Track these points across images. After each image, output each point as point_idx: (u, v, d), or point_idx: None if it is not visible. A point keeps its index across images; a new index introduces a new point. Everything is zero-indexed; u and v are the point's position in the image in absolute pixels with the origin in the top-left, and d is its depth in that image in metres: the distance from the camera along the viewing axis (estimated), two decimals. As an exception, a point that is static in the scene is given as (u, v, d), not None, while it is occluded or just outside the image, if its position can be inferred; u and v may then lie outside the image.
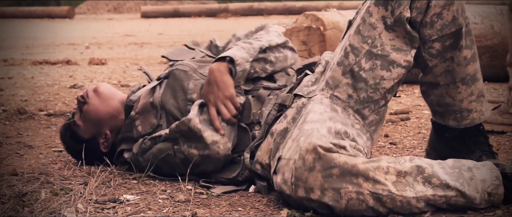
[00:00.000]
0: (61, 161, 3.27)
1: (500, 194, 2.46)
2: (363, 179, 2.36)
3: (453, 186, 2.43)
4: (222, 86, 2.84)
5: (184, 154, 2.81)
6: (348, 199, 2.36)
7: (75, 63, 7.95)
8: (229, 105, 2.83)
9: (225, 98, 2.83)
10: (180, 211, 2.49)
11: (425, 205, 2.41)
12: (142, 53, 9.38)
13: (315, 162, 2.37)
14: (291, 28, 5.67)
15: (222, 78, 2.85)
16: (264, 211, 2.51)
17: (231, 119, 2.82)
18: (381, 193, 2.37)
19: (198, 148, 2.80)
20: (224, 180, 2.84)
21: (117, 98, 3.13)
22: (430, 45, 2.71)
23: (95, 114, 3.10)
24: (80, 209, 2.45)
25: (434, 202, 2.42)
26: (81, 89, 5.81)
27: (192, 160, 2.80)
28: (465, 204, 2.44)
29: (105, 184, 2.83)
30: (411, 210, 2.40)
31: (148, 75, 3.20)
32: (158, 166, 2.89)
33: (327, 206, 2.38)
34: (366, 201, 2.36)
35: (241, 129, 2.86)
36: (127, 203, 2.58)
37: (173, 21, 17.11)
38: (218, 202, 2.63)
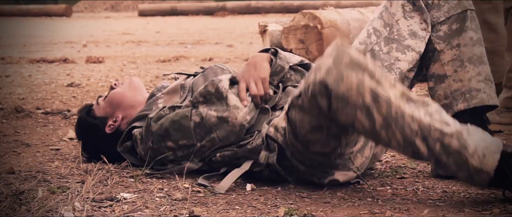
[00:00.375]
0: (58, 159, 3.27)
1: (494, 160, 2.42)
2: (369, 76, 2.42)
3: (453, 125, 2.44)
4: (258, 68, 2.95)
5: (202, 115, 2.86)
6: (348, 87, 2.41)
7: (72, 61, 7.94)
8: (260, 85, 2.92)
9: (258, 78, 2.92)
10: (177, 210, 2.49)
11: (418, 131, 2.41)
12: (139, 51, 9.38)
13: (332, 51, 2.48)
14: (289, 27, 5.67)
15: (261, 63, 2.96)
16: (261, 209, 2.51)
17: (257, 96, 2.89)
18: (380, 93, 2.41)
19: (218, 110, 2.85)
20: (231, 150, 2.85)
21: (143, 94, 3.20)
22: (438, 28, 2.88)
23: (118, 98, 3.16)
24: (77, 207, 2.45)
25: (428, 133, 2.41)
26: (78, 88, 5.81)
27: (207, 123, 2.84)
28: (458, 148, 2.41)
29: (102, 182, 2.83)
30: (403, 129, 2.41)
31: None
32: (168, 133, 2.90)
33: (326, 87, 2.42)
34: (363, 96, 2.40)
35: (262, 110, 2.91)
36: (124, 201, 2.58)
37: (170, 19, 17.11)
38: (215, 200, 2.63)
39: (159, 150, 2.93)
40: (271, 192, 2.74)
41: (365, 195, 2.70)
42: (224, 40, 10.57)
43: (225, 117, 2.84)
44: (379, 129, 2.44)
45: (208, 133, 2.86)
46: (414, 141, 2.43)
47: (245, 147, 2.84)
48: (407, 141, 2.44)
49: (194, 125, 2.87)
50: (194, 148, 2.89)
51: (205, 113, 2.86)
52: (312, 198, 2.65)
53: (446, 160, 2.44)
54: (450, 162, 2.44)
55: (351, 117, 2.45)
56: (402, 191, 2.74)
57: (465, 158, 2.42)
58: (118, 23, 16.26)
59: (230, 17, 17.62)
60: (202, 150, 2.89)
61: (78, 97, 5.27)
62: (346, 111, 2.44)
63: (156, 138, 2.92)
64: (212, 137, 2.86)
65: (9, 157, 3.33)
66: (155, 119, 2.94)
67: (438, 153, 2.43)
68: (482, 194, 2.65)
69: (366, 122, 2.44)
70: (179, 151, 2.91)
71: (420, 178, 2.92)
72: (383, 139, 2.47)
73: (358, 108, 2.42)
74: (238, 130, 2.85)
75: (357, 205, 2.56)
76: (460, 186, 2.78)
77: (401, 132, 2.42)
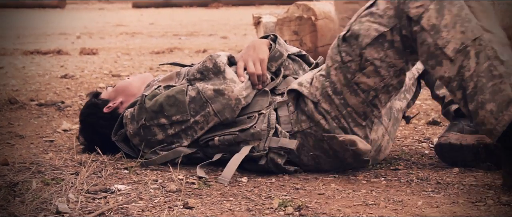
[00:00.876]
0: (52, 151, 3.27)
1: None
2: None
3: (508, 55, 2.52)
4: (257, 50, 2.99)
5: (198, 89, 2.88)
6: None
7: (66, 53, 7.92)
8: (258, 65, 2.95)
9: (256, 58, 2.96)
10: (171, 201, 2.49)
11: (476, 40, 2.52)
12: (133, 43, 9.37)
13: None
14: (283, 18, 5.66)
15: (261, 46, 3.01)
16: (255, 200, 2.51)
17: (254, 74, 2.92)
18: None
19: (215, 84, 2.88)
20: (232, 133, 2.86)
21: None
22: None
23: (125, 84, 3.21)
24: (71, 199, 2.45)
25: (484, 46, 2.52)
26: (72, 79, 5.80)
27: (203, 97, 2.86)
28: (503, 73, 2.49)
29: (96, 174, 2.83)
30: (466, 30, 2.52)
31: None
32: (162, 109, 2.91)
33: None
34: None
35: (261, 93, 2.94)
36: (118, 193, 2.58)
37: (164, 11, 17.08)
38: (209, 191, 2.63)
39: (150, 129, 2.93)
40: (265, 183, 2.74)
41: (359, 186, 2.70)
42: (218, 32, 10.56)
43: (221, 90, 2.86)
44: (443, 28, 2.55)
45: (202, 108, 2.87)
46: (469, 51, 2.52)
47: (248, 131, 2.84)
48: (462, 47, 2.53)
49: (189, 100, 2.88)
50: (186, 124, 2.89)
51: (201, 87, 2.88)
52: (306, 190, 2.65)
53: (485, 82, 2.50)
54: (488, 87, 2.50)
55: (422, 10, 2.58)
56: (396, 183, 2.74)
57: (505, 85, 2.49)
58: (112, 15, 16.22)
59: (224, 8, 17.60)
60: (194, 127, 2.89)
61: (72, 88, 5.26)
62: (421, 1, 2.58)
63: (149, 115, 2.92)
64: (207, 112, 2.87)
65: (3, 148, 3.32)
66: (150, 97, 2.96)
67: (482, 72, 2.51)
68: (476, 186, 2.65)
69: (434, 17, 2.56)
70: (170, 129, 2.91)
71: (414, 170, 2.93)
72: (441, 41, 2.55)
73: (433, 1, 2.56)
74: (233, 104, 2.86)
75: (352, 197, 2.56)
76: (454, 178, 2.78)
77: (463, 34, 2.52)
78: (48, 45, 8.99)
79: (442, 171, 2.88)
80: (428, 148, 3.32)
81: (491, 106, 2.48)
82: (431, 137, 3.52)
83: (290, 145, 2.80)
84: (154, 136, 2.94)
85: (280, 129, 2.83)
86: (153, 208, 2.42)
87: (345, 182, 2.77)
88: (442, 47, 2.55)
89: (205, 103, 2.87)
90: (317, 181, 2.76)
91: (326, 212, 2.37)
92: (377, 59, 2.68)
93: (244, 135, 2.85)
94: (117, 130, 3.05)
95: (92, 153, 3.09)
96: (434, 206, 2.41)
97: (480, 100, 2.50)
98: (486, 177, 2.77)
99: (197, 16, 14.32)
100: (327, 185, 2.72)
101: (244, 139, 2.84)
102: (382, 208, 2.41)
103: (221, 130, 2.89)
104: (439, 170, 2.90)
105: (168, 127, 2.91)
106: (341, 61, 2.72)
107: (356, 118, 2.77)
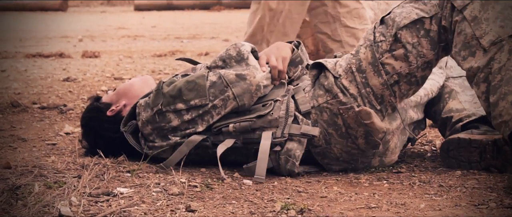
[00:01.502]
0: (55, 154, 3.27)
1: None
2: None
3: None
4: (281, 49, 3.01)
5: (220, 74, 2.90)
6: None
7: (68, 56, 7.92)
8: (280, 61, 2.97)
9: (279, 55, 2.98)
10: (174, 204, 2.49)
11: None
12: (135, 46, 9.37)
13: None
14: (285, 21, 5.65)
15: (284, 47, 3.03)
16: (258, 204, 2.51)
17: (276, 67, 2.94)
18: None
19: (238, 69, 2.90)
20: (249, 120, 2.87)
21: (152, 87, 3.19)
22: None
23: (127, 86, 3.22)
24: (74, 202, 2.45)
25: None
26: (74, 82, 5.80)
27: (225, 81, 2.87)
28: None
29: (98, 177, 2.83)
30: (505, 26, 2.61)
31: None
32: (180, 93, 2.90)
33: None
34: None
35: (278, 84, 2.97)
36: (120, 196, 2.58)
37: (166, 14, 17.08)
38: (212, 194, 2.63)
39: (165, 116, 2.92)
40: (267, 186, 2.74)
41: (361, 189, 2.70)
42: (220, 35, 10.55)
43: (244, 75, 2.88)
44: (484, 21, 2.63)
45: (222, 92, 2.88)
46: (503, 45, 2.60)
47: (266, 118, 2.86)
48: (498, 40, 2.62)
49: (210, 84, 2.90)
50: (204, 108, 2.89)
51: (223, 72, 2.90)
52: (308, 193, 2.65)
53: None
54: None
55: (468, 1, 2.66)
56: (399, 186, 2.74)
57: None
58: (114, 18, 16.22)
59: (226, 11, 17.59)
60: (211, 112, 2.89)
61: (74, 91, 5.26)
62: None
63: (167, 100, 2.91)
64: (227, 95, 2.87)
65: (5, 152, 3.32)
66: (168, 83, 2.96)
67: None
68: (478, 189, 2.65)
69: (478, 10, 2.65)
70: (187, 114, 2.91)
71: (416, 173, 2.93)
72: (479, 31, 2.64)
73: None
74: (254, 90, 2.87)
75: (354, 200, 2.56)
76: (456, 181, 2.78)
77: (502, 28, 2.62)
78: (50, 48, 9.00)
79: (444, 174, 2.88)
80: (430, 151, 3.31)
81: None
82: (433, 140, 3.52)
83: (313, 131, 2.84)
84: (168, 123, 2.93)
85: (301, 117, 2.85)
86: (156, 211, 2.42)
87: (348, 185, 2.77)
88: (479, 37, 2.62)
89: (225, 87, 2.88)
90: (319, 184, 2.76)
91: (328, 215, 2.36)
92: (410, 44, 2.74)
93: (261, 122, 2.86)
94: (127, 121, 3.05)
95: (95, 156, 3.09)
96: (436, 209, 2.41)
97: (503, 91, 2.57)
98: (488, 180, 2.77)
99: (199, 19, 14.32)
100: (329, 188, 2.72)
101: (261, 125, 2.85)
102: (384, 211, 2.41)
103: (236, 117, 2.89)
104: (442, 173, 2.90)
105: (185, 112, 2.91)
106: (373, 40, 2.79)
107: (373, 100, 2.81)
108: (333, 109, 2.82)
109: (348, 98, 2.81)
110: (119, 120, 3.08)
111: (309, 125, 2.85)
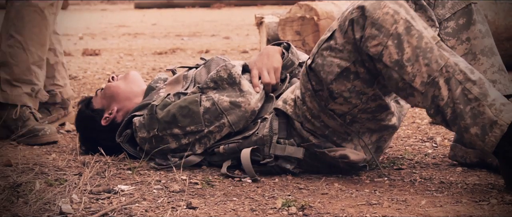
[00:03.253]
0: (56, 152, 3.27)
1: (510, 117, 2.44)
2: (405, 11, 2.52)
3: (477, 74, 2.50)
4: (271, 58, 2.98)
5: (213, 100, 2.87)
6: (384, 13, 2.50)
7: (69, 54, 7.92)
8: (272, 73, 2.95)
9: (271, 67, 2.96)
10: (174, 201, 2.49)
11: (443, 68, 2.47)
12: (136, 43, 9.36)
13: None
14: (285, 18, 5.66)
15: (274, 54, 3.00)
16: (258, 200, 2.51)
17: (269, 84, 2.93)
18: (414, 26, 2.49)
19: (231, 95, 2.87)
20: (236, 141, 2.86)
21: (141, 85, 3.22)
22: (445, 25, 2.83)
23: (113, 90, 3.18)
24: (75, 199, 2.45)
25: (453, 73, 2.47)
26: (75, 80, 5.80)
27: (219, 108, 2.85)
28: (478, 95, 2.46)
29: (99, 174, 2.83)
30: (430, 62, 2.47)
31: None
32: (175, 120, 2.89)
33: (363, 11, 2.51)
34: (398, 24, 2.49)
35: (267, 98, 2.94)
36: (121, 193, 2.58)
37: (166, 11, 17.07)
38: (212, 192, 2.63)
39: (163, 138, 2.92)
40: (268, 183, 2.74)
41: (362, 186, 2.70)
42: (220, 32, 10.55)
43: (238, 102, 2.85)
44: (406, 63, 2.50)
45: (217, 118, 2.86)
46: (438, 81, 2.48)
47: (250, 139, 2.84)
48: (431, 79, 2.49)
49: (204, 110, 2.87)
50: (201, 134, 2.88)
51: (217, 98, 2.87)
52: (309, 190, 2.65)
53: (463, 108, 2.47)
54: (467, 111, 2.46)
55: (381, 47, 2.51)
56: (400, 182, 2.74)
57: (483, 107, 2.45)
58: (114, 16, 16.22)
59: (226, 9, 17.59)
60: (208, 136, 2.88)
61: (75, 89, 5.26)
62: (378, 39, 2.50)
63: (162, 125, 2.91)
64: (222, 123, 2.86)
65: (6, 149, 3.33)
66: (161, 107, 2.93)
67: (457, 99, 2.47)
68: (479, 185, 2.65)
69: (395, 53, 2.50)
70: (184, 139, 2.90)
71: (417, 169, 2.92)
72: (407, 76, 2.51)
73: (390, 36, 2.49)
74: (249, 115, 2.86)
75: (355, 196, 2.56)
76: (457, 177, 2.78)
77: (428, 66, 2.48)
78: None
79: (445, 171, 2.88)
80: (431, 148, 3.31)
81: (475, 130, 2.46)
82: (434, 137, 3.52)
83: (297, 153, 2.80)
84: (166, 144, 2.93)
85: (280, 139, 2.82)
86: (157, 208, 2.42)
87: (349, 181, 2.77)
88: (410, 81, 2.51)
89: (220, 114, 2.86)
90: (320, 181, 2.76)
91: (329, 212, 2.36)
92: (345, 91, 2.65)
93: (247, 143, 2.85)
94: (121, 131, 3.04)
95: (95, 153, 3.09)
96: (437, 206, 2.41)
97: (463, 125, 2.48)
98: (489, 176, 2.77)
99: (200, 17, 14.31)
100: (330, 185, 2.72)
101: (247, 146, 2.84)
102: (385, 207, 2.41)
103: (227, 138, 2.89)
104: (443, 170, 2.90)
105: (182, 137, 2.90)
106: (313, 90, 2.70)
107: (340, 136, 2.76)
108: (310, 150, 2.81)
109: (319, 140, 2.78)
110: (115, 128, 3.06)
111: (294, 145, 2.82)
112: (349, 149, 2.75)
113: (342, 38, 2.58)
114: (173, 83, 3.07)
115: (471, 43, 2.82)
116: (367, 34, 2.51)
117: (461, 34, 2.82)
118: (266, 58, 2.99)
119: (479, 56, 2.80)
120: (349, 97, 2.66)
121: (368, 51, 2.53)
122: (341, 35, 2.58)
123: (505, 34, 5.12)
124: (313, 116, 2.74)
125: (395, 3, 2.53)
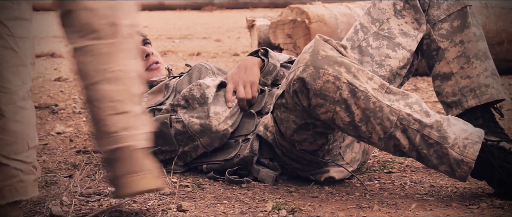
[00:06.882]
0: (46, 154, 3.26)
1: (475, 151, 2.43)
2: (345, 70, 2.42)
3: (433, 116, 2.45)
4: (249, 72, 2.93)
5: (184, 122, 2.84)
6: (324, 81, 2.40)
7: (60, 56, 7.91)
8: (248, 88, 2.90)
9: (247, 81, 2.91)
10: (165, 204, 2.49)
11: (397, 123, 2.42)
12: (127, 46, 9.34)
13: (310, 45, 2.46)
14: (276, 21, 5.66)
15: (252, 67, 2.95)
16: (249, 204, 2.51)
17: (244, 99, 2.88)
18: (357, 87, 2.41)
19: (201, 117, 2.82)
20: (218, 163, 2.85)
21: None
22: (439, 26, 2.82)
23: None
24: (65, 202, 2.45)
25: (408, 124, 2.43)
26: (66, 82, 5.79)
27: (190, 131, 2.82)
28: (438, 139, 2.43)
29: (90, 177, 2.83)
30: (382, 121, 2.42)
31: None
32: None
33: (304, 84, 2.42)
34: (341, 90, 2.40)
35: (248, 115, 2.90)
36: (112, 195, 2.58)
37: (158, 14, 17.06)
38: (203, 194, 2.63)
39: None
40: (259, 186, 2.74)
41: (353, 189, 2.70)
42: (212, 35, 10.55)
43: (208, 125, 2.82)
44: (359, 124, 2.44)
45: (191, 140, 2.84)
46: (395, 134, 2.44)
47: (232, 161, 2.83)
48: (387, 134, 2.44)
49: (175, 132, 2.85)
50: (176, 153, 2.87)
51: (187, 121, 2.84)
52: (300, 193, 2.66)
53: (427, 152, 2.45)
54: (431, 154, 2.45)
55: (331, 113, 2.44)
56: (390, 186, 2.75)
57: (445, 149, 2.43)
58: (105, 18, 16.18)
59: (218, 12, 17.59)
60: (185, 155, 2.88)
61: (66, 91, 5.25)
62: (325, 107, 2.44)
63: None
64: (196, 144, 2.85)
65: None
66: None
67: (419, 145, 2.44)
68: (469, 189, 2.66)
69: (346, 117, 2.44)
70: (161, 156, 2.90)
71: (407, 173, 2.93)
72: (364, 134, 2.47)
73: (337, 103, 2.42)
74: (221, 135, 2.84)
75: (345, 200, 2.56)
76: (447, 181, 2.78)
77: (381, 125, 2.43)
78: (42, 48, 8.98)
79: (435, 174, 2.88)
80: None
81: (444, 168, 2.46)
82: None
83: (268, 180, 2.78)
84: None
85: (262, 159, 2.82)
86: (147, 211, 2.42)
87: (339, 185, 2.77)
88: (368, 138, 2.49)
89: (192, 137, 2.84)
90: (310, 184, 2.77)
91: (319, 215, 2.37)
92: (308, 137, 2.64)
93: (230, 164, 2.84)
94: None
95: (86, 155, 3.09)
96: (427, 209, 2.42)
97: (431, 165, 2.48)
98: (479, 180, 2.78)
99: (191, 19, 14.31)
100: (320, 188, 2.73)
101: (230, 167, 2.83)
102: (375, 211, 2.41)
103: (208, 156, 2.89)
104: (433, 173, 2.90)
105: (159, 154, 2.89)
106: (280, 133, 2.69)
107: (320, 155, 2.74)
108: (297, 173, 2.82)
109: (301, 164, 2.78)
110: None
111: (277, 169, 2.81)
112: (333, 169, 2.76)
113: (291, 100, 2.53)
114: (155, 93, 3.06)
115: (465, 46, 2.81)
116: (313, 103, 2.44)
117: (455, 37, 2.82)
118: (243, 71, 2.94)
119: (472, 60, 2.80)
120: (313, 141, 2.65)
121: (319, 117, 2.49)
122: (290, 98, 2.53)
123: (496, 38, 5.14)
124: (289, 150, 2.74)
125: (334, 64, 2.42)
